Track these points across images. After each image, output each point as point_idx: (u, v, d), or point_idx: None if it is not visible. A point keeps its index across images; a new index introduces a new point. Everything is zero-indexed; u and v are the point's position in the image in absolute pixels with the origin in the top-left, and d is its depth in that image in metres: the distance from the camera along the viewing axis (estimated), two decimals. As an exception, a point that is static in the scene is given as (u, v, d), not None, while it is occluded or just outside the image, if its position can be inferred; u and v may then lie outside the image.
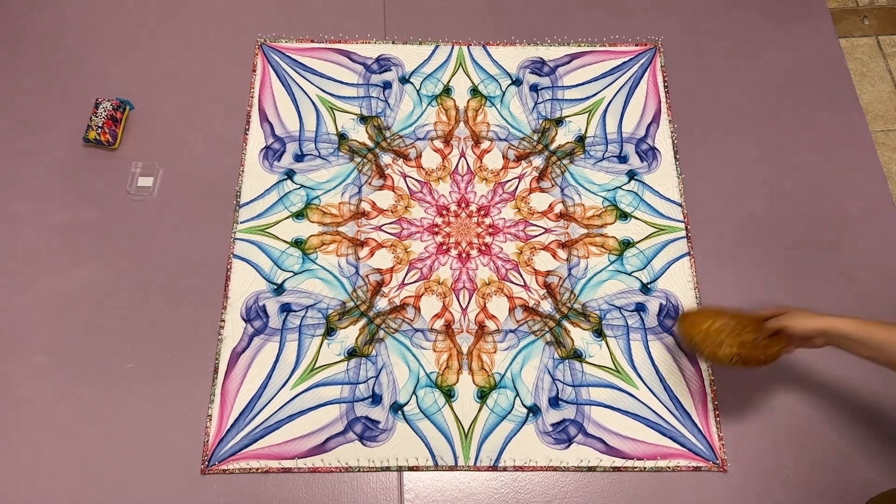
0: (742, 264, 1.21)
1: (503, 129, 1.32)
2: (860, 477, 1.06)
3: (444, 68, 1.37)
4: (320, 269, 1.19)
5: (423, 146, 1.30)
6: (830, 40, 1.42)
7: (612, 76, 1.38)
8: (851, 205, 1.27)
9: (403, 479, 1.05)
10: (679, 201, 1.26)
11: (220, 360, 1.12)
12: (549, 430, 1.08)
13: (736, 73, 1.39)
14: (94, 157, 1.26)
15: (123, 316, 1.14)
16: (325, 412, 1.09)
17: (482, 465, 1.06)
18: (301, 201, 1.24)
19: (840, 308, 1.18)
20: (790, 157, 1.31)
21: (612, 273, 1.20)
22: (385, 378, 1.11)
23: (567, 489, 1.05)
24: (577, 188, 1.27)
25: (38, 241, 1.19)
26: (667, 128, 1.33)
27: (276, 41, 1.39)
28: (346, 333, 1.14)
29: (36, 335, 1.13)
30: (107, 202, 1.23)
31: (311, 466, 1.05)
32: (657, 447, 1.08)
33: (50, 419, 1.07)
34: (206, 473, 1.04)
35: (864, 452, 1.07)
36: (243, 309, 1.15)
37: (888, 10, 1.54)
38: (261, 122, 1.30)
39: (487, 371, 1.12)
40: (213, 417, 1.08)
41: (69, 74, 1.33)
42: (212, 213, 1.22)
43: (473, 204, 1.25)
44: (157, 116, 1.30)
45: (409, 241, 1.22)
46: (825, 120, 1.34)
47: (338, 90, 1.34)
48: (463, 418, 1.09)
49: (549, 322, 1.16)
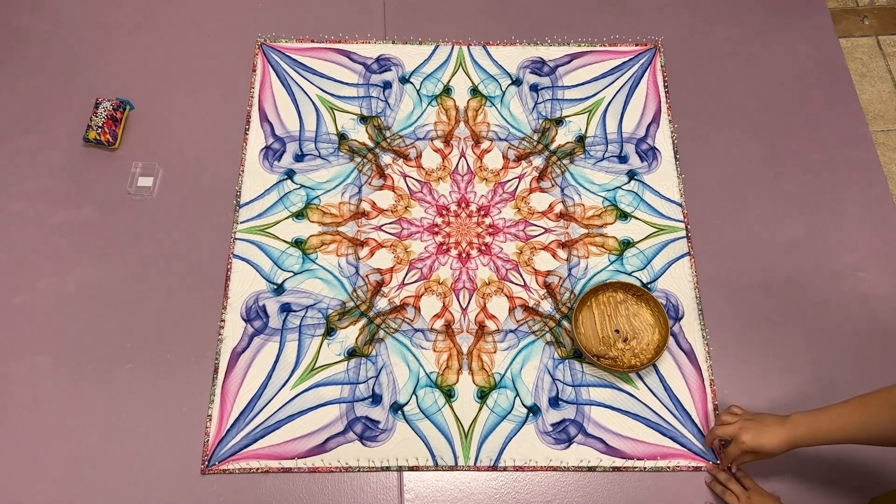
0: (742, 264, 1.21)
1: (503, 129, 1.32)
2: (860, 477, 1.06)
3: (444, 68, 1.37)
4: (320, 269, 1.19)
5: (423, 146, 1.30)
6: (830, 40, 1.42)
7: (612, 76, 1.38)
8: (851, 205, 1.27)
9: (403, 479, 1.05)
10: (679, 201, 1.26)
11: (220, 360, 1.12)
12: (549, 430, 1.08)
13: (736, 72, 1.39)
14: (94, 157, 1.26)
15: (123, 316, 1.14)
16: (325, 412, 1.09)
17: (482, 465, 1.06)
18: (301, 201, 1.24)
19: (840, 308, 1.18)
20: (790, 157, 1.31)
21: (612, 273, 1.20)
22: (385, 378, 1.11)
23: (567, 489, 1.05)
24: (577, 188, 1.27)
25: (38, 241, 1.19)
26: (667, 128, 1.33)
27: (276, 41, 1.39)
28: (346, 333, 1.14)
29: (36, 335, 1.13)
30: (107, 202, 1.23)
31: (311, 466, 1.05)
32: (657, 447, 1.08)
33: (50, 419, 1.07)
34: (206, 473, 1.04)
35: (864, 452, 1.07)
36: (243, 309, 1.15)
37: (888, 10, 1.54)
38: (261, 122, 1.30)
39: (487, 371, 1.12)
40: (213, 417, 1.08)
41: (69, 74, 1.33)
42: (212, 213, 1.22)
43: (473, 204, 1.25)
44: (157, 116, 1.30)
45: (409, 241, 1.22)
46: (825, 120, 1.34)
47: (338, 90, 1.34)
48: (463, 418, 1.09)
49: (549, 322, 1.16)
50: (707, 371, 1.13)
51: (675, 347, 1.15)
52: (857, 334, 1.16)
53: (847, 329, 1.17)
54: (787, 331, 1.16)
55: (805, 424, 0.91)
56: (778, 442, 0.92)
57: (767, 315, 1.18)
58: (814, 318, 1.18)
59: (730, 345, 1.15)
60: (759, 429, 0.94)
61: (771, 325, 1.17)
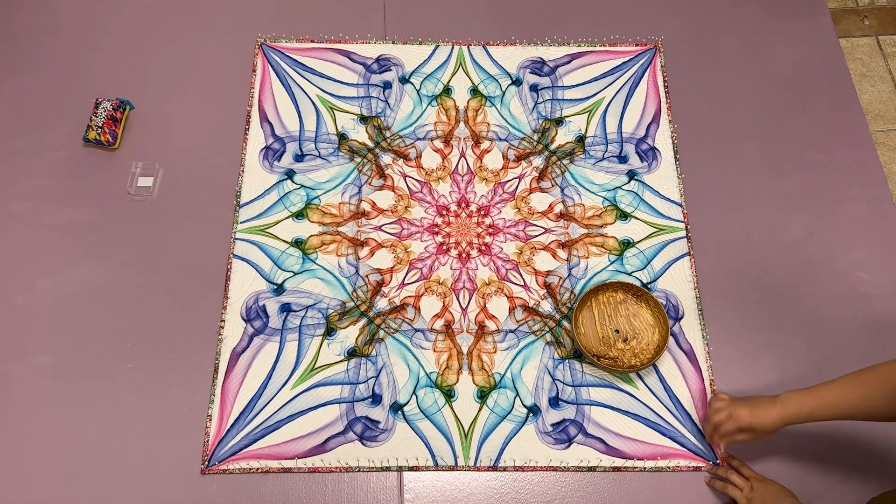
0: (742, 265, 1.21)
1: (503, 129, 1.32)
2: (860, 477, 1.06)
3: (444, 68, 1.37)
4: (320, 269, 1.19)
5: (423, 146, 1.30)
6: (830, 40, 1.42)
7: (612, 76, 1.38)
8: (851, 205, 1.27)
9: (403, 479, 1.05)
10: (679, 201, 1.26)
11: (220, 360, 1.12)
12: (549, 430, 1.08)
13: (736, 73, 1.39)
14: (94, 157, 1.26)
15: (123, 316, 1.14)
16: (325, 412, 1.09)
17: (482, 466, 1.06)
18: (301, 201, 1.24)
19: (840, 308, 1.18)
20: (790, 157, 1.31)
21: (613, 273, 1.20)
22: (385, 378, 1.11)
23: (567, 489, 1.05)
24: (577, 188, 1.27)
25: (38, 241, 1.19)
26: (667, 128, 1.33)
27: (276, 41, 1.39)
28: (346, 333, 1.14)
29: (36, 335, 1.13)
30: (107, 202, 1.23)
31: (311, 466, 1.05)
32: (657, 447, 1.08)
33: (50, 419, 1.07)
34: (206, 473, 1.04)
35: (864, 452, 1.07)
36: (243, 309, 1.15)
37: (888, 10, 1.54)
38: (261, 122, 1.30)
39: (487, 371, 1.12)
40: (213, 417, 1.08)
41: (69, 74, 1.33)
42: (212, 213, 1.22)
43: (473, 204, 1.25)
44: (157, 116, 1.30)
45: (409, 241, 1.22)
46: (825, 120, 1.34)
47: (338, 90, 1.34)
48: (463, 418, 1.09)
49: (549, 322, 1.16)
50: (707, 371, 1.13)
51: (675, 347, 1.15)
52: (858, 334, 1.16)
53: (847, 329, 1.17)
54: (787, 331, 1.16)
55: (797, 402, 0.92)
56: (772, 419, 0.93)
57: (767, 315, 1.18)
58: (814, 317, 1.18)
59: (730, 345, 1.15)
60: (752, 407, 0.96)
61: (771, 325, 1.17)
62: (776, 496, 0.96)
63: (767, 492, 0.97)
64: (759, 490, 0.98)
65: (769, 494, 0.97)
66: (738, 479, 1.01)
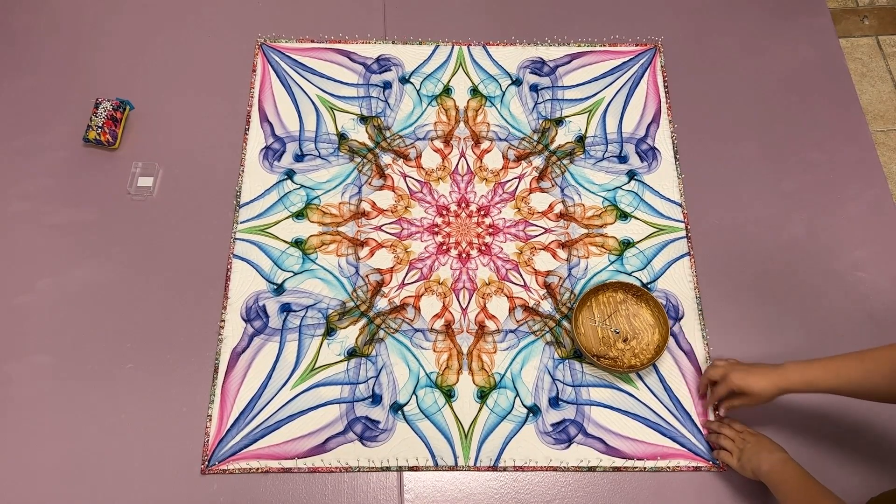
0: (742, 265, 1.21)
1: (503, 129, 1.32)
2: (860, 477, 1.06)
3: (444, 68, 1.37)
4: (320, 269, 1.19)
5: (423, 146, 1.30)
6: (830, 40, 1.42)
7: (612, 76, 1.38)
8: (851, 205, 1.27)
9: (403, 479, 1.05)
10: (679, 201, 1.26)
11: (220, 360, 1.12)
12: (549, 430, 1.08)
13: (736, 72, 1.39)
14: (94, 157, 1.26)
15: (123, 316, 1.14)
16: (325, 412, 1.09)
17: (482, 466, 1.06)
18: (301, 201, 1.24)
19: (840, 308, 1.18)
20: (790, 156, 1.31)
21: (613, 273, 1.20)
22: (385, 378, 1.11)
23: (567, 489, 1.05)
24: (577, 188, 1.27)
25: (38, 241, 1.19)
26: (667, 128, 1.33)
27: (276, 41, 1.39)
28: (346, 333, 1.14)
29: (36, 335, 1.13)
30: (107, 202, 1.23)
31: (311, 466, 1.05)
32: (657, 447, 1.08)
33: (50, 419, 1.07)
34: (206, 473, 1.04)
35: (864, 452, 1.07)
36: (243, 309, 1.15)
37: (888, 10, 1.54)
38: (261, 122, 1.30)
39: (487, 371, 1.12)
40: (213, 417, 1.08)
41: (69, 74, 1.33)
42: (212, 213, 1.22)
43: (473, 204, 1.25)
44: (157, 116, 1.30)
45: (409, 241, 1.22)
46: (825, 120, 1.34)
47: (338, 90, 1.34)
48: (463, 418, 1.09)
49: (549, 322, 1.16)
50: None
51: (675, 347, 1.15)
52: (858, 333, 1.16)
53: (847, 328, 1.17)
54: (787, 331, 1.16)
55: (798, 371, 0.95)
56: (766, 384, 0.95)
57: (767, 315, 1.18)
58: (814, 317, 1.18)
59: (730, 345, 1.15)
60: (748, 370, 0.99)
61: (771, 325, 1.17)
62: (767, 449, 0.98)
63: (759, 444, 0.99)
64: (750, 442, 1.00)
65: (760, 447, 0.98)
66: (728, 430, 1.04)
